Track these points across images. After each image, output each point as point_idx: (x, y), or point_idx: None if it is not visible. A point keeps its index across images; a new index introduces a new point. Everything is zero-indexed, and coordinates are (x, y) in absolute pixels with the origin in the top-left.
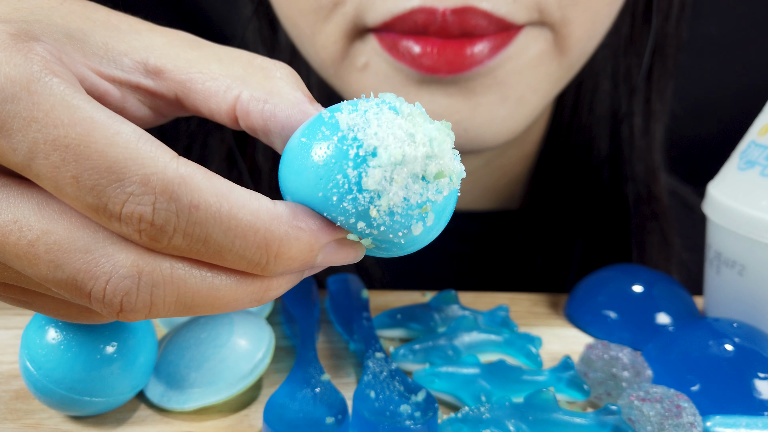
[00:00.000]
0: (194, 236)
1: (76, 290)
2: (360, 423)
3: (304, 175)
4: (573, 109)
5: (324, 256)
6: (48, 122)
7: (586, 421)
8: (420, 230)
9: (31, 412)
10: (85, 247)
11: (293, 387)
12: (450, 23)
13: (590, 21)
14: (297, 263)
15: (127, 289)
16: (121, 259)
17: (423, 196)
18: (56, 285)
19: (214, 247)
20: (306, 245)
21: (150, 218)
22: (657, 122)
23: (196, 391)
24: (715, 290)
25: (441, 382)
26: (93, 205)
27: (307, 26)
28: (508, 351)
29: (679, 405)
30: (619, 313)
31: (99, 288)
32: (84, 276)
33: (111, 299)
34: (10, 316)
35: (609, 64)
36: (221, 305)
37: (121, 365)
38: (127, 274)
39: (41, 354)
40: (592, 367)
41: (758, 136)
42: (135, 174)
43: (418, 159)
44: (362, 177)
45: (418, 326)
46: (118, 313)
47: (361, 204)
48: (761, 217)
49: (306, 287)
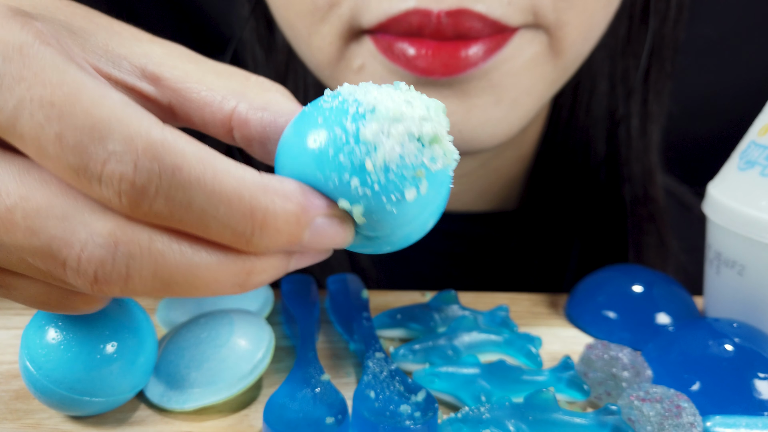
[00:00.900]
0: (176, 200)
1: (51, 258)
2: (360, 423)
3: (303, 137)
4: (570, 111)
5: (311, 233)
6: (36, 82)
7: (586, 421)
8: (413, 196)
9: (31, 412)
10: (63, 214)
11: (293, 387)
12: (444, 25)
13: (585, 23)
14: (283, 237)
15: (102, 259)
16: (98, 227)
17: (418, 158)
18: (32, 254)
19: (197, 214)
20: (293, 216)
21: (131, 178)
22: (654, 123)
23: (196, 391)
24: (715, 290)
25: (441, 382)
26: (74, 166)
27: (303, 27)
28: (508, 351)
29: (679, 405)
30: (619, 313)
31: (74, 256)
32: (59, 243)
33: (86, 268)
34: (10, 316)
35: (606, 66)
36: (201, 285)
37: (121, 365)
38: (104, 243)
39: (41, 354)
40: (592, 367)
41: (758, 136)
42: (118, 133)
43: (414, 118)
44: (360, 129)
45: (418, 326)
46: (92, 285)
47: (357, 156)
48: (761, 217)
49: (306, 287)
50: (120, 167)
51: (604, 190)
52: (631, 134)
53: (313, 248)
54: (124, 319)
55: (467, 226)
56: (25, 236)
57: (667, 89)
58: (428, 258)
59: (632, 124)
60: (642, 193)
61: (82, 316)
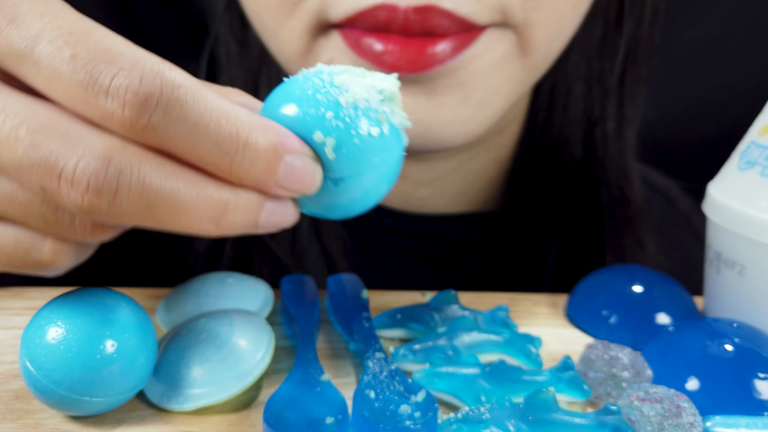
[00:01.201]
0: (173, 115)
1: (47, 171)
2: (360, 423)
3: (286, 89)
4: (547, 113)
5: (285, 169)
6: (57, 17)
7: (586, 421)
8: (377, 133)
9: (31, 412)
10: (64, 132)
11: (293, 387)
12: (412, 21)
13: (554, 23)
14: (261, 164)
15: (95, 170)
16: (95, 144)
17: (379, 106)
18: (30, 168)
19: (189, 129)
20: (271, 144)
21: (136, 89)
22: (629, 126)
23: (196, 391)
24: (715, 290)
25: (441, 382)
26: (84, 81)
27: (272, 21)
28: (508, 351)
29: (679, 405)
30: (619, 314)
31: (70, 167)
32: (58, 156)
33: (79, 178)
34: (10, 316)
35: (582, 68)
36: (180, 211)
37: (121, 365)
38: (99, 157)
39: (41, 354)
40: (592, 367)
41: (758, 136)
42: (127, 56)
43: (376, 77)
44: (334, 77)
45: (418, 326)
46: (83, 196)
47: (332, 95)
48: (761, 217)
49: (306, 287)
50: (127, 81)
51: (582, 192)
52: (607, 136)
53: (285, 187)
54: (124, 319)
55: (444, 227)
56: (26, 151)
57: (642, 92)
58: (405, 260)
59: (608, 127)
60: (619, 195)
61: (82, 315)
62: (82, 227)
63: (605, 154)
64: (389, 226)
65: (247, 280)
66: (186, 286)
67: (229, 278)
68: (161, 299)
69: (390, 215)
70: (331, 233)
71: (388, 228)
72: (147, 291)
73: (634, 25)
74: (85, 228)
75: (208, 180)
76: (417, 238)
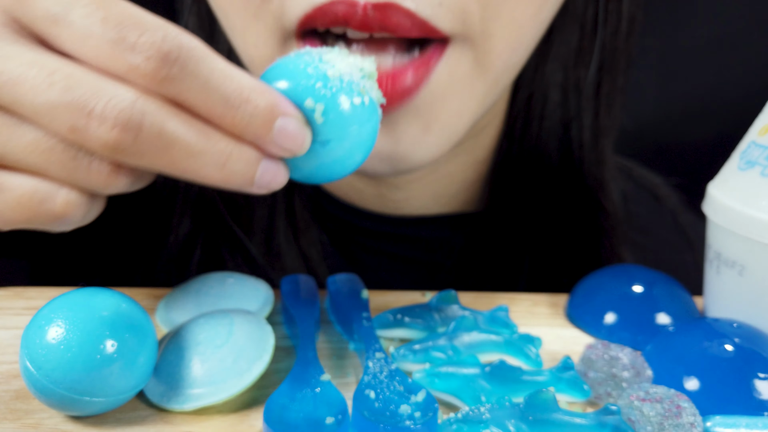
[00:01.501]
0: (188, 69)
1: (79, 109)
2: (360, 423)
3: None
4: (524, 120)
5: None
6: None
7: (586, 421)
8: (359, 102)
9: (31, 412)
10: (94, 80)
11: (293, 387)
12: (371, 18)
13: (513, 34)
14: (259, 119)
15: (123, 109)
16: (122, 90)
17: (360, 81)
18: (63, 107)
19: (201, 83)
20: (269, 103)
21: (159, 46)
22: (606, 137)
23: (196, 391)
24: (715, 290)
25: (441, 382)
26: (113, 39)
27: (238, 20)
28: (508, 351)
29: (680, 405)
30: (619, 314)
31: (101, 105)
32: (89, 97)
33: (109, 115)
34: (11, 316)
35: (559, 76)
36: (192, 154)
37: (122, 365)
38: (126, 99)
39: (41, 354)
40: (592, 368)
41: (758, 136)
42: (151, 21)
43: (357, 58)
44: (323, 55)
45: (418, 326)
46: (110, 130)
47: (320, 69)
48: (761, 217)
49: (306, 287)
50: (151, 39)
51: (559, 201)
52: (584, 146)
53: (279, 145)
54: (124, 319)
55: (421, 229)
56: (60, 93)
57: (619, 103)
58: (383, 262)
59: (584, 137)
60: (595, 206)
61: (82, 315)
62: (99, 172)
63: (581, 164)
64: (366, 228)
65: (248, 280)
66: (186, 286)
67: (229, 278)
68: (161, 299)
69: (367, 217)
70: (309, 235)
71: (365, 230)
72: (147, 291)
73: (611, 36)
74: (102, 173)
75: (216, 131)
76: (394, 240)
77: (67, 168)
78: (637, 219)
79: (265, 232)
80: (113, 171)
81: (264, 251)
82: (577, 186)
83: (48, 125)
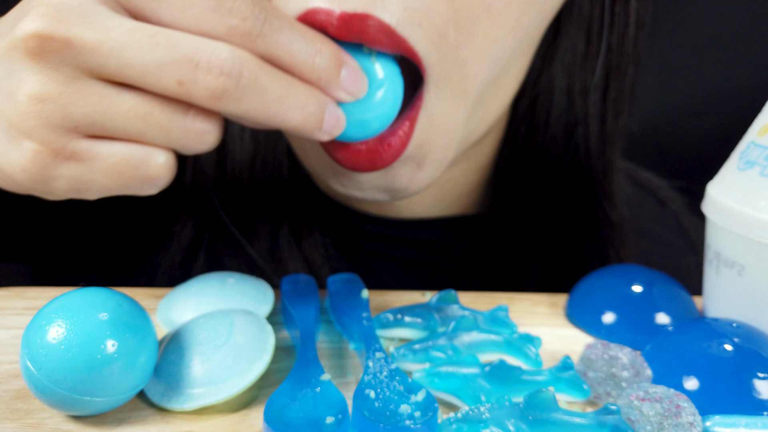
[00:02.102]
0: (274, 26)
1: (186, 63)
2: (360, 423)
3: None
4: (528, 126)
5: (346, 73)
6: None
7: (586, 421)
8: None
9: (32, 412)
10: (194, 40)
11: (293, 387)
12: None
13: (489, 52)
14: (331, 65)
15: (226, 58)
16: (221, 47)
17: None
18: (170, 63)
19: (286, 37)
20: (335, 51)
21: (252, 7)
22: (613, 145)
23: (197, 391)
24: (715, 290)
25: (441, 382)
26: (213, 6)
27: None
28: (508, 351)
29: (679, 405)
30: (618, 313)
31: (205, 57)
32: (194, 52)
33: (214, 65)
34: (11, 316)
35: (564, 81)
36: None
37: (122, 365)
38: (225, 51)
39: (42, 354)
40: (591, 367)
41: (758, 136)
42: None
43: None
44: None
45: (418, 326)
46: (217, 78)
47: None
48: (760, 217)
49: (306, 287)
50: (244, 4)
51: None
52: (591, 153)
53: (345, 89)
54: (124, 319)
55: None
56: (167, 51)
57: (626, 109)
58: (386, 265)
59: (591, 144)
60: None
61: (83, 315)
62: (194, 130)
63: (588, 172)
64: (369, 231)
65: (248, 280)
66: (186, 286)
67: (229, 278)
68: (162, 299)
69: (370, 221)
70: (311, 239)
71: (367, 233)
72: (148, 291)
73: (618, 39)
74: (197, 131)
75: (294, 78)
76: (396, 243)
77: (163, 129)
78: (640, 222)
79: (268, 236)
80: (206, 128)
81: (266, 255)
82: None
83: (155, 83)
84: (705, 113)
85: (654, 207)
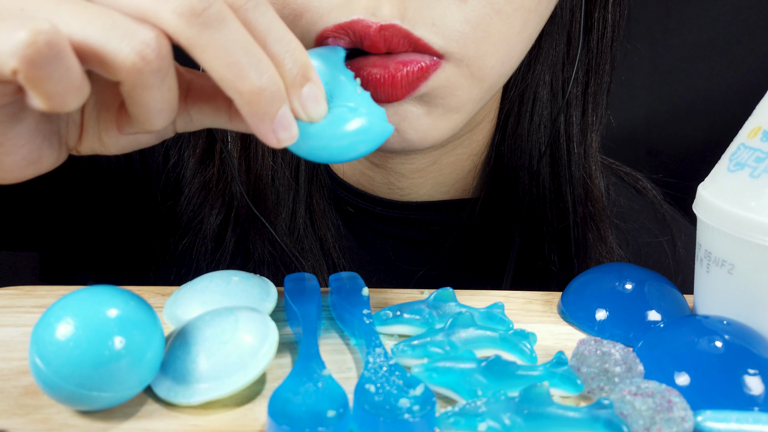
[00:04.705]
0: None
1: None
2: (360, 416)
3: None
4: (516, 117)
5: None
6: None
7: (579, 415)
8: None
9: (41, 407)
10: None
11: (296, 381)
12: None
13: (503, 50)
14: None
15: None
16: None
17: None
18: None
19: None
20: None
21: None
22: (593, 133)
23: (202, 386)
24: (705, 288)
25: (439, 377)
26: None
27: None
28: (504, 347)
29: (671, 400)
30: (611, 311)
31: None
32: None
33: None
34: (20, 314)
35: (548, 77)
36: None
37: (129, 361)
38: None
39: (50, 351)
40: (584, 363)
41: (747, 138)
42: None
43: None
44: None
45: (416, 323)
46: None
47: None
48: (750, 217)
49: (308, 285)
50: None
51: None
52: (572, 140)
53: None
54: (132, 315)
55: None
56: None
57: (605, 100)
58: (392, 244)
59: (572, 132)
60: (583, 194)
61: (90, 313)
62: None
63: (570, 156)
64: (377, 213)
65: (252, 279)
66: (192, 285)
67: (234, 276)
68: (168, 297)
69: (378, 203)
70: (325, 220)
71: (375, 215)
72: (154, 289)
73: (596, 40)
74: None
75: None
76: (401, 223)
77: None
78: (619, 207)
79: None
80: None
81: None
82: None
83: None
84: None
85: (632, 194)
